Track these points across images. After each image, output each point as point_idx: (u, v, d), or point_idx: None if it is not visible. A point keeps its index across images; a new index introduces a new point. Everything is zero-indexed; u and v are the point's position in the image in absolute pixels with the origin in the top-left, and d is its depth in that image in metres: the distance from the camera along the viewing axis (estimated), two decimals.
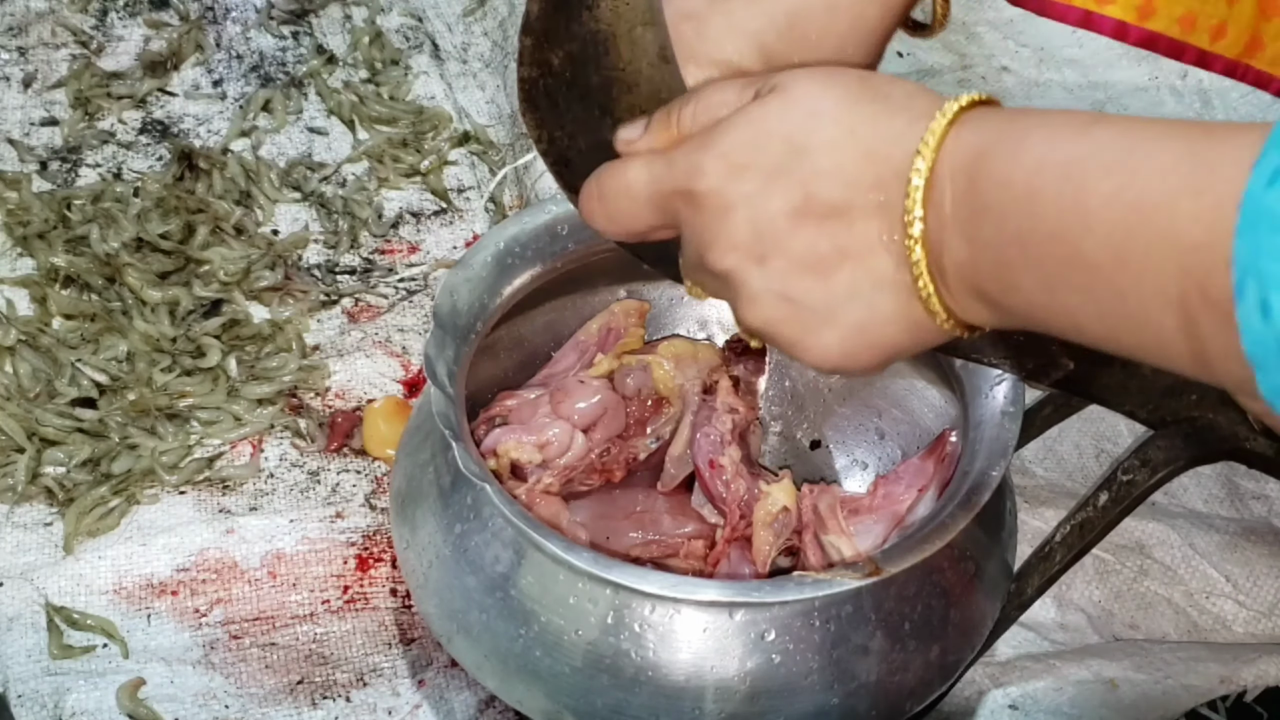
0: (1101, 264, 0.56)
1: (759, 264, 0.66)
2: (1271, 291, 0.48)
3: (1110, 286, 0.56)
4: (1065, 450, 1.15)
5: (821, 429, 1.08)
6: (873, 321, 0.66)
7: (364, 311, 1.24)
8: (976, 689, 0.95)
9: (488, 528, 0.84)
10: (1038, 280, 0.59)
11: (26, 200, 1.27)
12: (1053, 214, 0.57)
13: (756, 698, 0.81)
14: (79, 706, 0.94)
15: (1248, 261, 0.49)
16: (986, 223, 0.60)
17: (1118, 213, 0.55)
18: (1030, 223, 0.58)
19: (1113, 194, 0.55)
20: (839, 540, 0.88)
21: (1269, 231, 0.48)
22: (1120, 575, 1.05)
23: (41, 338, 1.15)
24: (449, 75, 1.49)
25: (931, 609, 0.84)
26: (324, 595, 1.02)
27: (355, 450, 1.13)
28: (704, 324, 1.08)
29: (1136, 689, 0.94)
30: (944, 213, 0.61)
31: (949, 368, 0.91)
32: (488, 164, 1.40)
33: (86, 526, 1.04)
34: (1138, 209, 0.54)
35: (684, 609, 0.80)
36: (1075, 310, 0.58)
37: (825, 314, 0.66)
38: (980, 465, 0.83)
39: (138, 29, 1.49)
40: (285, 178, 1.35)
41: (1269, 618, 1.04)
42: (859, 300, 0.65)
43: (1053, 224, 0.57)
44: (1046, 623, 1.02)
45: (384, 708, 0.96)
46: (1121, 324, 0.57)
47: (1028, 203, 0.58)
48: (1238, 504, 1.13)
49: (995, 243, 0.60)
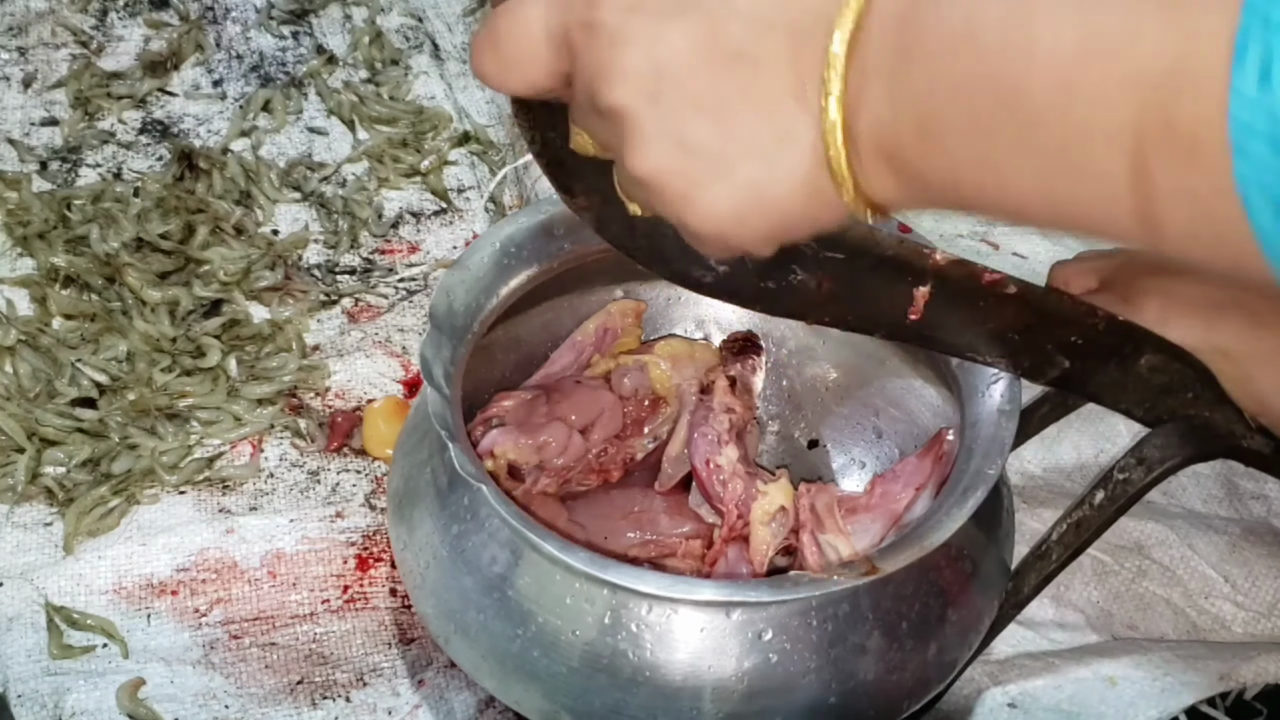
0: (1045, 105, 0.51)
1: (652, 101, 0.61)
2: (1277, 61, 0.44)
3: (1051, 130, 0.52)
4: (1064, 450, 1.15)
5: (819, 428, 1.08)
6: (770, 181, 0.60)
7: (364, 311, 1.24)
8: (975, 687, 0.95)
9: (485, 528, 0.84)
10: (968, 131, 0.54)
11: (26, 200, 1.27)
12: (994, 51, 0.53)
13: (754, 697, 0.81)
14: (79, 706, 0.94)
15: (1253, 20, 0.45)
16: (915, 70, 0.55)
17: (1069, 40, 0.50)
18: (967, 64, 0.54)
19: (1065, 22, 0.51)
20: (836, 539, 0.88)
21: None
22: (1119, 576, 1.05)
23: (41, 338, 1.15)
24: (449, 75, 1.49)
25: (929, 608, 0.84)
26: (324, 595, 1.02)
27: (355, 450, 1.13)
28: (701, 323, 1.08)
29: (1135, 686, 0.94)
30: (866, 65, 0.57)
31: (946, 367, 0.91)
32: (488, 164, 1.40)
33: (86, 526, 1.04)
34: (1093, 38, 0.50)
35: (681, 609, 0.80)
36: (1006, 165, 0.54)
37: (719, 164, 0.61)
38: (977, 464, 0.83)
39: (138, 29, 1.50)
40: (285, 178, 1.35)
41: (1268, 618, 1.03)
42: (758, 155, 0.60)
43: (993, 63, 0.53)
44: (1045, 622, 1.02)
45: (384, 708, 0.96)
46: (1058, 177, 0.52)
47: (966, 41, 0.54)
48: (1237, 504, 1.13)
49: (923, 92, 0.55)
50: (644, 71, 0.60)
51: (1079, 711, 0.93)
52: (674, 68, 0.60)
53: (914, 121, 0.56)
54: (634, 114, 0.61)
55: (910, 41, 0.55)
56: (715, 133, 0.60)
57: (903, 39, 0.55)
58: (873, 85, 0.56)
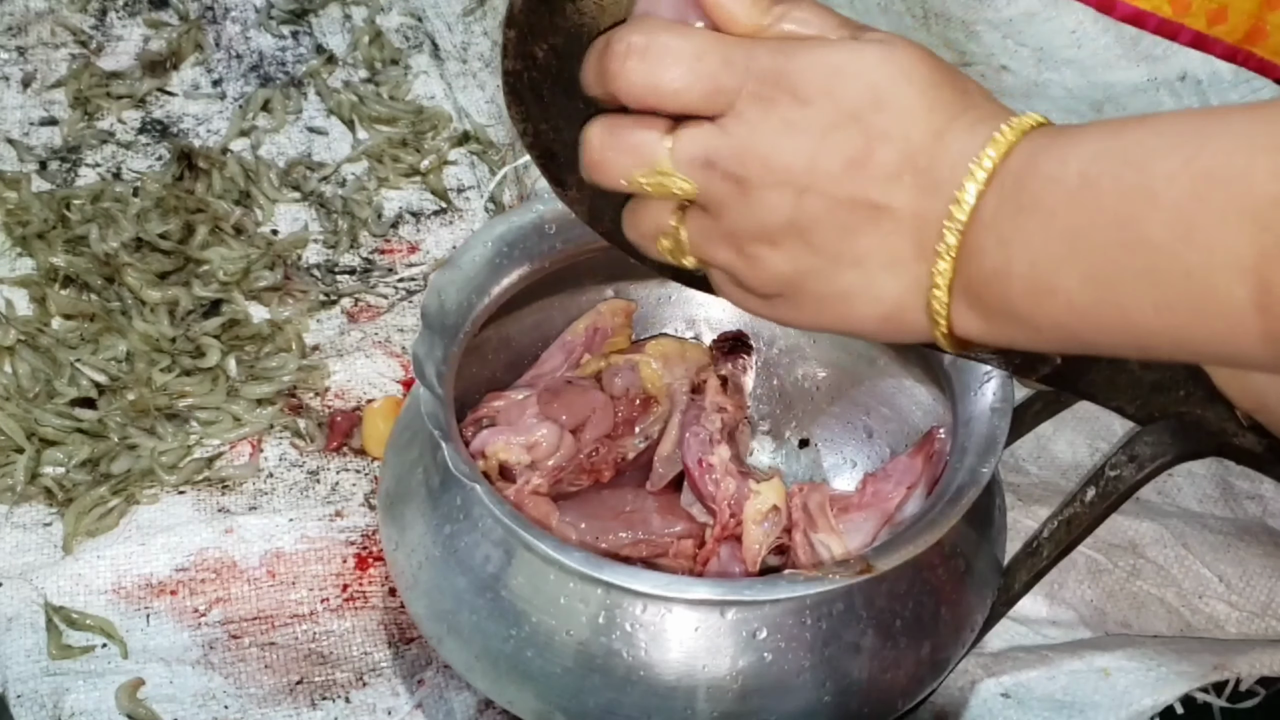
0: (1165, 243, 0.53)
1: (798, 196, 0.64)
2: None
3: (1175, 266, 0.53)
4: (1059, 449, 1.15)
5: (810, 427, 1.08)
6: (863, 297, 0.64)
7: (364, 311, 1.24)
8: (969, 679, 0.95)
9: (477, 528, 0.84)
10: (1086, 277, 0.57)
11: (26, 200, 1.27)
12: (1110, 199, 0.55)
13: (748, 696, 0.81)
14: (78, 706, 0.94)
15: None
16: (1032, 222, 0.58)
17: (1185, 182, 0.53)
18: (1084, 214, 0.56)
19: (1180, 166, 0.53)
20: (829, 539, 0.88)
21: None
22: (1112, 575, 1.05)
23: (41, 338, 1.15)
24: (449, 75, 1.49)
25: (922, 606, 0.84)
26: (323, 594, 1.02)
27: (355, 450, 1.13)
28: (692, 323, 1.08)
29: (1130, 676, 0.94)
30: (985, 218, 0.60)
31: (937, 365, 0.91)
32: (488, 164, 1.40)
33: (85, 526, 1.04)
34: (1209, 177, 0.52)
35: (675, 608, 0.80)
36: (1129, 304, 0.56)
37: (827, 267, 0.65)
38: (970, 462, 0.83)
39: (137, 29, 1.50)
40: (285, 177, 1.35)
41: (1261, 618, 1.03)
42: (865, 271, 0.64)
43: (1110, 210, 0.55)
44: (1039, 620, 1.02)
45: (383, 708, 0.96)
46: (1184, 308, 0.54)
47: (1081, 193, 0.56)
48: (1232, 503, 1.13)
49: (1039, 240, 0.58)
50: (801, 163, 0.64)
51: (1073, 701, 0.93)
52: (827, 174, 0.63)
53: (1026, 269, 0.58)
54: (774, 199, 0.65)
55: (1027, 196, 0.58)
56: (840, 238, 0.64)
57: (1019, 194, 0.58)
58: (987, 235, 0.59)
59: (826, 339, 1.04)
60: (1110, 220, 0.55)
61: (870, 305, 0.65)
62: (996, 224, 0.59)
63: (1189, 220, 0.52)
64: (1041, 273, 0.58)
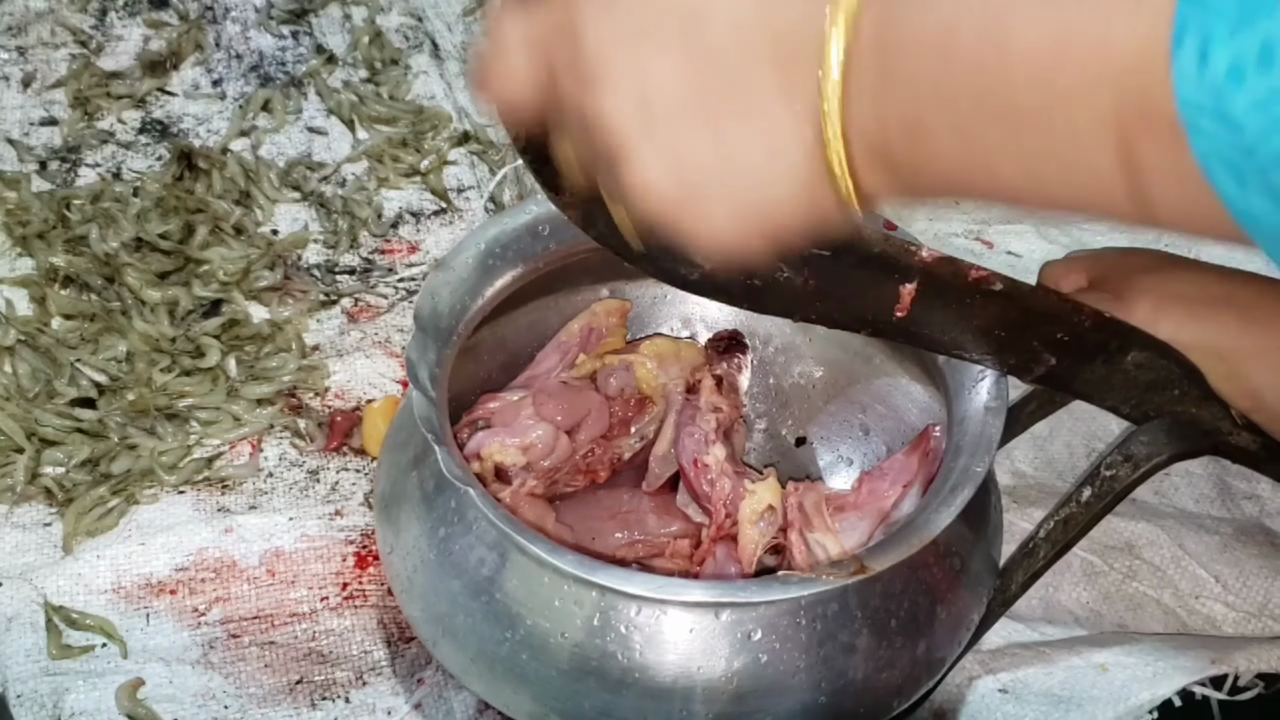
0: (1027, 102, 0.53)
1: (641, 110, 0.61)
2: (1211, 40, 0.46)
3: (1037, 125, 0.53)
4: (1056, 450, 1.15)
5: (806, 426, 1.08)
6: (769, 192, 0.62)
7: (363, 311, 1.25)
8: (966, 675, 0.95)
9: (472, 531, 0.84)
10: (953, 131, 0.56)
11: (26, 200, 1.27)
12: (972, 58, 0.54)
13: (744, 697, 0.81)
14: (78, 706, 0.94)
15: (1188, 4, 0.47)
16: (898, 78, 0.57)
17: (1045, 43, 0.52)
18: (947, 73, 0.55)
19: (1038, 23, 0.52)
20: (825, 538, 0.88)
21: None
22: (1109, 577, 1.05)
23: (41, 338, 1.16)
24: (449, 75, 1.49)
25: (917, 606, 0.84)
26: (323, 593, 1.02)
27: (354, 449, 1.13)
28: (687, 322, 1.08)
29: (1127, 671, 0.94)
30: (852, 77, 0.58)
31: (932, 364, 0.91)
32: (488, 164, 1.40)
33: (85, 526, 1.04)
34: (1067, 36, 0.51)
35: (670, 610, 0.80)
36: (997, 160, 0.55)
37: (718, 178, 0.61)
38: (964, 461, 0.83)
39: (137, 29, 1.50)
40: (285, 177, 1.36)
41: (1258, 618, 1.03)
42: (755, 168, 0.61)
43: (972, 69, 0.54)
44: (1035, 618, 1.02)
45: (383, 708, 0.96)
46: (1049, 167, 0.54)
47: (943, 52, 0.55)
48: (1229, 504, 1.13)
49: (907, 97, 0.57)
50: (631, 79, 0.61)
51: (1071, 696, 0.93)
52: (661, 77, 0.60)
53: (900, 125, 0.57)
54: (620, 121, 0.61)
55: (891, 52, 0.57)
56: (711, 143, 0.61)
57: (884, 50, 0.57)
58: (859, 95, 0.57)
59: (822, 336, 1.04)
60: (970, 74, 0.54)
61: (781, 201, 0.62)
62: (864, 83, 0.58)
63: (1048, 80, 0.52)
64: (912, 124, 0.57)
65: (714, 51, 0.60)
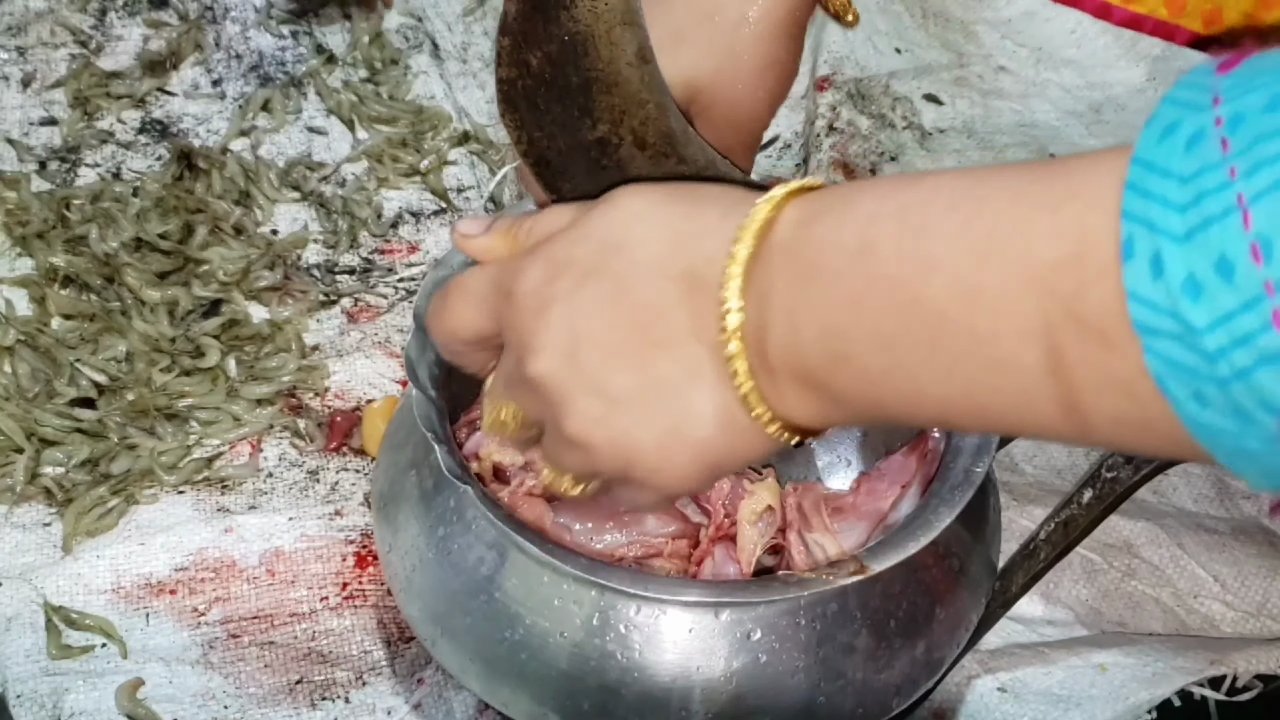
0: (949, 307, 0.52)
1: (570, 360, 0.64)
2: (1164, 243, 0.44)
3: (960, 332, 0.52)
4: (1055, 449, 1.15)
5: None
6: (687, 421, 0.63)
7: (363, 312, 1.25)
8: (965, 674, 0.96)
9: (471, 530, 0.84)
10: (873, 342, 0.55)
11: (25, 200, 1.27)
12: (890, 261, 0.54)
13: (743, 697, 0.81)
14: (78, 707, 0.94)
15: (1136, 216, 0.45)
16: (813, 290, 0.57)
17: (965, 245, 0.51)
18: (865, 277, 0.55)
19: (958, 227, 0.52)
20: (824, 539, 0.88)
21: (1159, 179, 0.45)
22: (1108, 575, 1.05)
23: (40, 338, 1.16)
24: (449, 75, 1.49)
25: (917, 606, 0.84)
26: (323, 593, 1.03)
27: (354, 449, 1.13)
28: None
29: (1126, 671, 0.94)
30: (764, 294, 0.59)
31: None
32: (487, 164, 1.40)
33: (85, 526, 1.04)
34: (988, 237, 0.50)
35: (670, 609, 0.80)
36: (918, 371, 0.54)
37: (640, 410, 0.63)
38: (964, 463, 0.83)
39: (137, 28, 1.50)
40: (284, 177, 1.36)
41: (1257, 618, 1.03)
42: (672, 396, 0.63)
43: (891, 272, 0.54)
44: (1035, 619, 1.02)
45: (383, 708, 0.96)
46: (975, 377, 0.53)
47: (861, 257, 0.55)
48: (1228, 503, 1.13)
49: (823, 308, 0.57)
50: (563, 336, 0.64)
51: (1069, 696, 0.94)
52: (588, 325, 0.64)
53: (819, 341, 0.57)
54: (556, 375, 0.65)
55: (805, 264, 0.57)
56: (632, 380, 0.63)
57: (797, 263, 0.57)
58: (773, 310, 0.58)
59: None
60: (892, 284, 0.54)
61: (701, 427, 0.63)
62: (778, 298, 0.58)
63: (971, 284, 0.51)
64: (832, 340, 0.57)
65: (634, 294, 0.63)
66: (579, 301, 0.64)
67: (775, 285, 0.58)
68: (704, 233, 0.62)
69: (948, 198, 0.53)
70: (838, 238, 0.56)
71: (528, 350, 0.66)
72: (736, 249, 0.59)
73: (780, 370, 0.59)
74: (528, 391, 0.67)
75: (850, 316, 0.56)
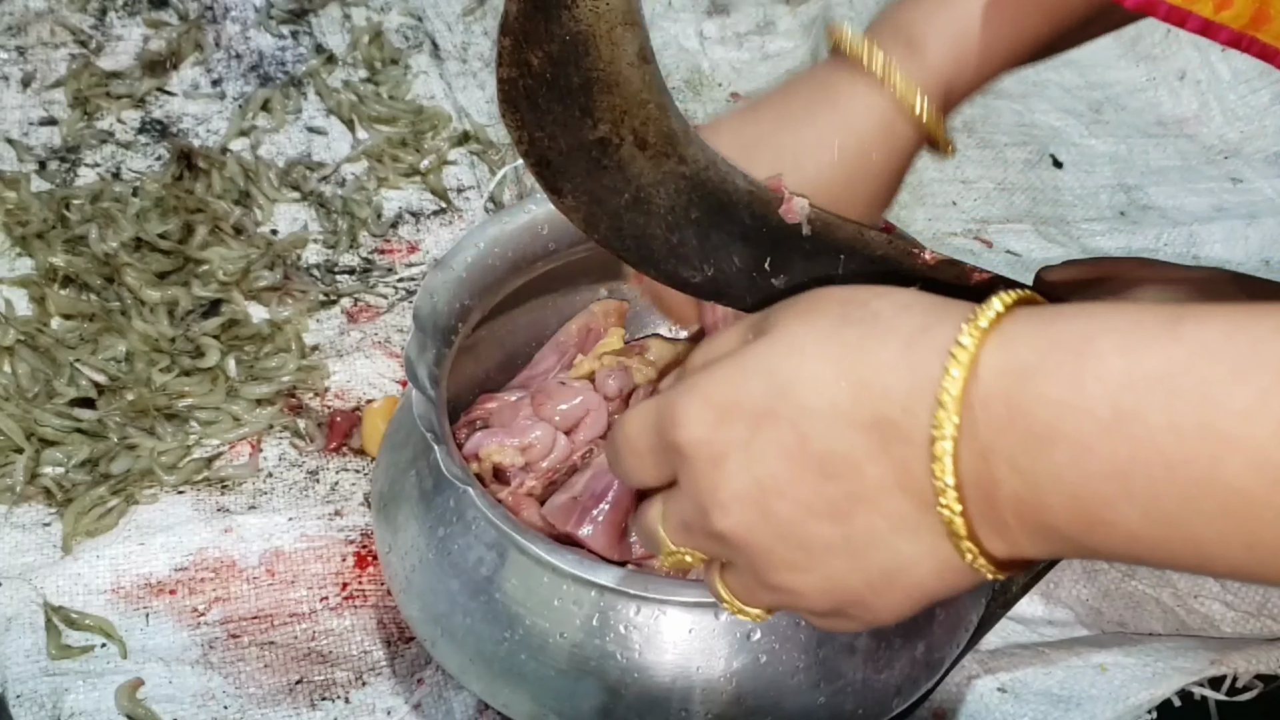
0: (1252, 488, 0.48)
1: (763, 516, 0.60)
2: None
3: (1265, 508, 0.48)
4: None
5: None
6: (900, 569, 0.59)
7: (363, 312, 1.25)
8: (965, 674, 0.96)
9: (471, 530, 0.84)
10: (1148, 514, 0.50)
11: (25, 200, 1.28)
12: (1164, 435, 0.49)
13: (743, 698, 0.81)
14: (78, 707, 0.94)
15: None
16: (1056, 455, 0.52)
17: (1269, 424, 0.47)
18: (1129, 451, 0.50)
19: (1254, 403, 0.47)
20: None
21: None
22: (1108, 575, 1.05)
23: (40, 338, 1.16)
24: (449, 75, 1.50)
25: None
26: (323, 593, 1.02)
27: (354, 450, 1.13)
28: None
29: (1126, 671, 0.94)
30: (987, 449, 0.53)
31: None
32: (487, 163, 1.40)
33: (85, 526, 1.04)
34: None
35: (669, 610, 0.80)
36: (1207, 539, 0.50)
37: (848, 560, 0.59)
38: None
39: (137, 28, 1.50)
40: (284, 177, 1.36)
41: (1257, 618, 1.03)
42: (881, 547, 0.58)
43: (1170, 450, 0.49)
44: (1035, 619, 1.02)
45: (383, 708, 0.96)
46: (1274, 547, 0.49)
47: (1120, 428, 0.50)
48: None
49: (1075, 478, 0.51)
50: (748, 489, 0.60)
51: (1070, 696, 0.94)
52: (773, 480, 0.59)
53: (1070, 506, 0.52)
54: (749, 532, 0.60)
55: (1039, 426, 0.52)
56: (834, 532, 0.59)
57: (1026, 423, 0.52)
58: (1002, 468, 0.53)
59: None
60: (1169, 461, 0.49)
61: (914, 573, 0.59)
62: (1005, 452, 0.53)
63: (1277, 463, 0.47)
64: (1090, 507, 0.52)
65: (818, 445, 0.58)
66: (757, 452, 0.59)
67: (1000, 441, 0.53)
68: (888, 372, 0.56)
69: (1228, 364, 0.49)
70: (1080, 403, 0.51)
71: (712, 505, 0.61)
72: (941, 417, 0.54)
73: (1015, 523, 0.55)
74: (714, 542, 0.63)
75: (1114, 488, 0.51)
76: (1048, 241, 1.37)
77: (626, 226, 0.75)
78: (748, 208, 0.75)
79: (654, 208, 0.74)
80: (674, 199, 0.74)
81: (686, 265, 0.77)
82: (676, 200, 0.74)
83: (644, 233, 0.75)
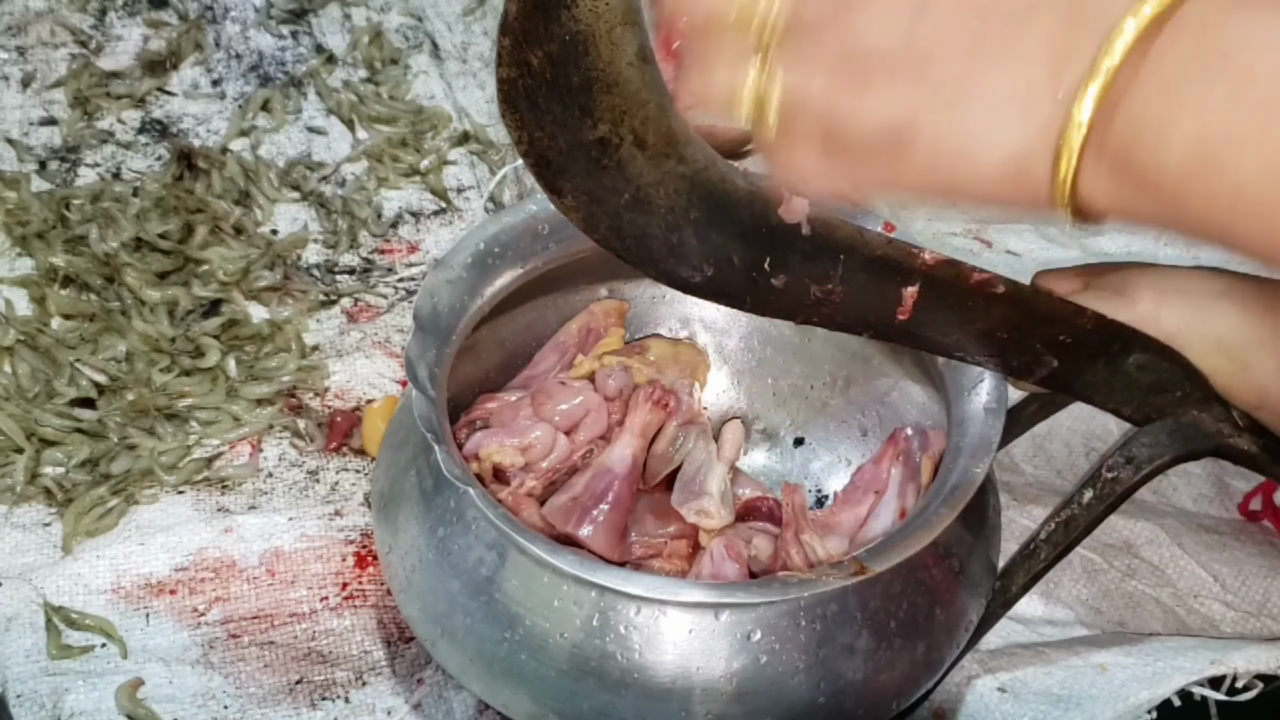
0: None
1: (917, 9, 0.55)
2: None
3: None
4: (1055, 448, 1.15)
5: (805, 427, 1.08)
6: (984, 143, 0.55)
7: (363, 312, 1.25)
8: (965, 674, 0.96)
9: (471, 531, 0.84)
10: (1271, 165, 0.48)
11: (25, 200, 1.27)
12: None
13: (743, 698, 0.81)
14: (78, 707, 0.93)
15: None
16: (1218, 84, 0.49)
17: None
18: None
19: None
20: (814, 540, 0.88)
21: None
22: (1108, 575, 1.05)
23: (40, 338, 1.16)
24: (449, 75, 1.50)
25: (916, 606, 0.84)
26: (323, 593, 1.02)
27: (354, 450, 1.13)
28: (685, 322, 1.08)
29: (1126, 671, 0.94)
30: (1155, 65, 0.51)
31: (932, 366, 0.91)
32: (487, 164, 1.40)
33: (85, 526, 1.04)
34: None
35: (669, 610, 0.80)
36: None
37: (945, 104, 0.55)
38: (964, 463, 0.83)
39: (137, 28, 1.50)
40: (284, 177, 1.36)
41: (1257, 618, 1.03)
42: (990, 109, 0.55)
43: None
44: (1034, 619, 1.02)
45: (383, 708, 0.96)
46: None
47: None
48: (1227, 503, 1.13)
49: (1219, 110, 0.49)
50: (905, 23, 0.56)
51: (1070, 695, 0.94)
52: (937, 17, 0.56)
53: (1193, 143, 0.51)
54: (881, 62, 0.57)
55: (1215, 51, 0.50)
56: (959, 71, 0.55)
57: (1205, 46, 0.51)
58: (1147, 86, 0.51)
59: (823, 337, 1.04)
60: None
61: (991, 152, 0.55)
62: (1164, 74, 0.51)
63: None
64: (1212, 147, 0.50)
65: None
66: None
67: (1167, 59, 0.51)
68: None
69: None
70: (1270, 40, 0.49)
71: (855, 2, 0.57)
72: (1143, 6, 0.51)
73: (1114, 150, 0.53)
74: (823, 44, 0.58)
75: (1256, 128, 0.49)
76: (1048, 241, 1.36)
77: (626, 226, 0.75)
78: (747, 207, 0.75)
79: (653, 207, 0.74)
80: (673, 199, 0.74)
81: (686, 265, 0.77)
82: (676, 200, 0.74)
83: (643, 232, 0.75)
